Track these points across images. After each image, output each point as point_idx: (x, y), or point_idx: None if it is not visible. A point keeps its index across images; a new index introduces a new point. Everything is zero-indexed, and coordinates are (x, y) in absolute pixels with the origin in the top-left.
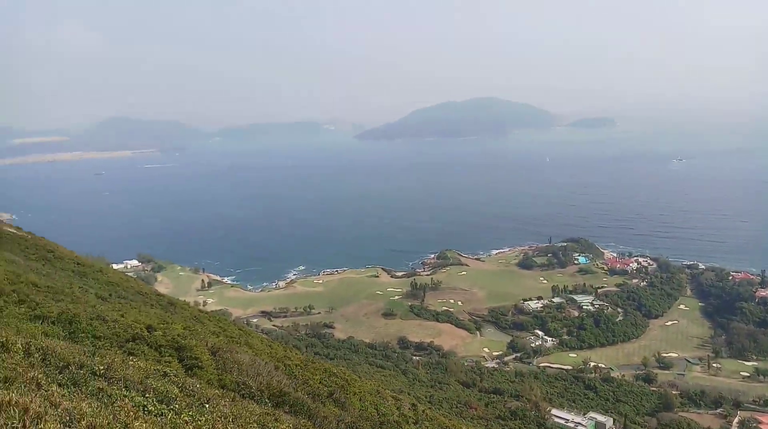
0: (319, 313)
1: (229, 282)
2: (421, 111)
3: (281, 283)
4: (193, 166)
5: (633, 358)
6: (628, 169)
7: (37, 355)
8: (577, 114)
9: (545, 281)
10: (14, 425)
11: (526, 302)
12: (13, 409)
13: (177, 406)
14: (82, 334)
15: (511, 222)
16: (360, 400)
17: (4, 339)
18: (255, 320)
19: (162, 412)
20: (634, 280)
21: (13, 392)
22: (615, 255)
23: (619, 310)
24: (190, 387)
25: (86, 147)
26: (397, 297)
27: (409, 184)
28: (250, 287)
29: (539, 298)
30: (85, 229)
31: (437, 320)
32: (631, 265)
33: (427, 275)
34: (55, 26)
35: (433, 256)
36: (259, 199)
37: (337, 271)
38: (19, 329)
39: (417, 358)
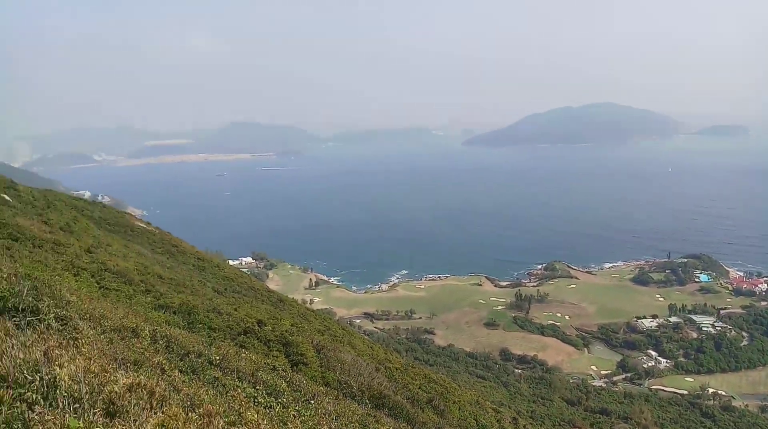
0: (420, 318)
1: (334, 282)
2: (534, 116)
3: (384, 286)
4: (307, 170)
5: (759, 387)
6: (762, 182)
7: (161, 342)
8: (705, 121)
9: (662, 299)
10: (143, 406)
11: (639, 320)
12: (142, 391)
13: (284, 399)
14: (200, 325)
15: (626, 235)
16: (459, 409)
17: (135, 325)
18: (358, 321)
19: (271, 405)
20: (763, 303)
21: (141, 375)
22: (742, 274)
23: (744, 334)
24: (296, 382)
25: (211, 149)
26: (500, 307)
27: (517, 191)
28: (354, 288)
29: (654, 316)
30: (206, 226)
31: (542, 333)
32: (760, 286)
33: (533, 286)
34: (186, 37)
35: (540, 266)
36: (367, 202)
37: (439, 277)
38: (147, 317)
39: (519, 371)
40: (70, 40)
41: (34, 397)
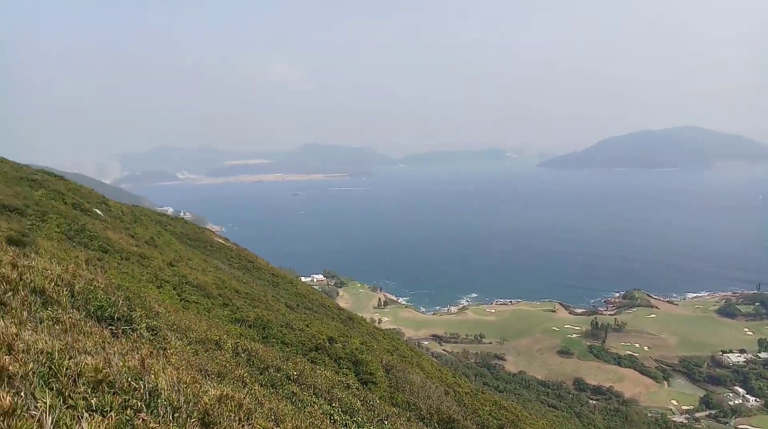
0: (490, 342)
1: (403, 302)
2: (612, 140)
3: (453, 309)
4: (377, 190)
5: None
6: None
7: (243, 355)
8: None
9: (750, 333)
10: (233, 418)
11: (725, 354)
12: (230, 403)
13: (359, 419)
14: (273, 340)
15: (711, 264)
16: None
17: (218, 338)
18: (426, 342)
19: (346, 423)
20: None
21: (226, 387)
22: None
23: None
24: (370, 401)
25: (287, 169)
26: (574, 335)
27: (592, 215)
28: (422, 309)
29: (742, 351)
30: (280, 243)
31: (619, 364)
32: None
33: (610, 315)
34: (267, 63)
35: (618, 294)
36: (437, 223)
37: (510, 301)
38: (227, 330)
39: (594, 402)
40: (160, 67)
41: (139, 405)
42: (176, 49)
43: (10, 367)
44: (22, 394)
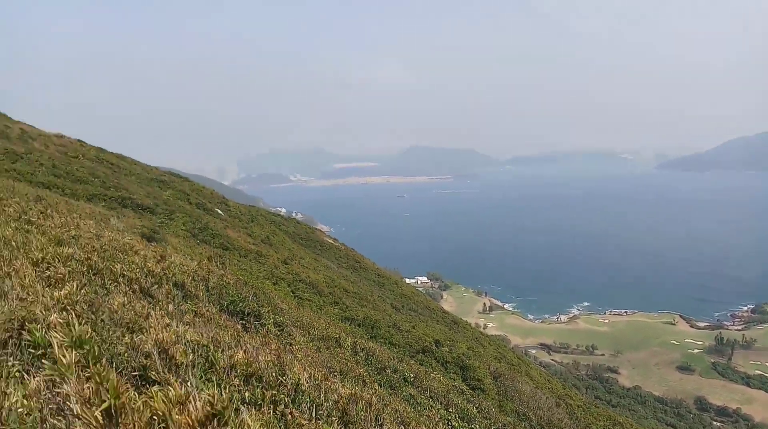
0: (603, 354)
1: (509, 308)
2: (740, 140)
3: (563, 317)
4: (483, 193)
5: None
6: None
7: (362, 354)
8: None
9: None
10: (364, 417)
11: None
12: (360, 402)
13: (476, 426)
14: (381, 340)
15: None
16: None
17: (338, 336)
18: (533, 351)
19: None
20: None
21: (351, 385)
22: None
23: None
24: (485, 409)
25: (392, 172)
26: (696, 350)
27: (717, 222)
28: (530, 316)
29: None
30: (384, 244)
31: (747, 384)
32: None
33: (737, 330)
34: (376, 69)
35: (746, 308)
36: (546, 228)
37: (625, 312)
38: (343, 328)
39: (718, 424)
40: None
41: (286, 400)
42: (287, 59)
43: (177, 356)
44: (188, 384)
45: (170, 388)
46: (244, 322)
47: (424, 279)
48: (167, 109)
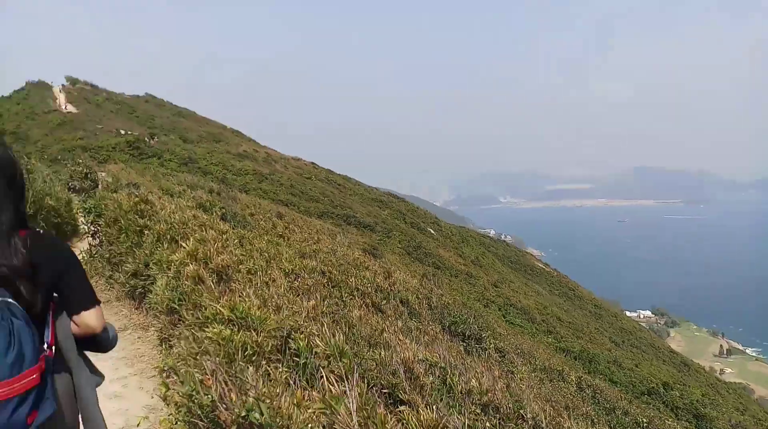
0: None
1: (752, 353)
2: None
3: None
4: (720, 221)
5: None
6: None
7: (588, 391)
8: None
9: None
10: None
11: None
12: None
13: None
14: (600, 376)
15: None
16: None
17: (561, 368)
18: None
19: None
20: None
21: (580, 424)
22: None
23: None
24: None
25: (611, 194)
26: None
27: None
28: None
29: None
30: (601, 272)
31: None
32: None
33: None
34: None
35: None
36: None
37: None
38: (563, 361)
39: None
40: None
41: None
42: (502, 83)
43: (422, 377)
44: (434, 408)
45: (420, 411)
46: (465, 344)
47: (648, 313)
48: (396, 134)
